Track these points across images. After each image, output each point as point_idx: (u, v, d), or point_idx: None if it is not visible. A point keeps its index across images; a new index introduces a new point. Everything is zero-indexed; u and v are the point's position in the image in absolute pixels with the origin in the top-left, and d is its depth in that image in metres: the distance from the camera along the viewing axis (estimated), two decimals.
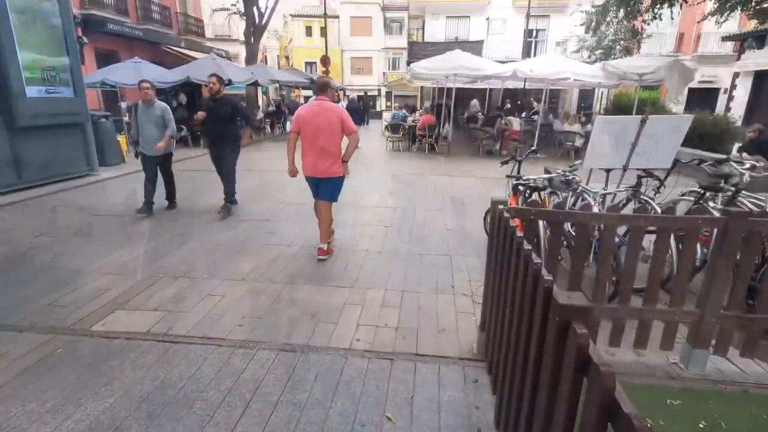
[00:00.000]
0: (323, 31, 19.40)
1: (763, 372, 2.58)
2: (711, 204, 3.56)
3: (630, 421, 0.82)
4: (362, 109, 21.28)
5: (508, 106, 15.23)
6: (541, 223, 3.22)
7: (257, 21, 17.47)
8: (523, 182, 3.89)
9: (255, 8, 17.20)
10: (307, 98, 25.97)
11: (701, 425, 2.11)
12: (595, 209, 3.17)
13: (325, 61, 18.16)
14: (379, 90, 34.93)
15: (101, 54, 14.11)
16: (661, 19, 9.59)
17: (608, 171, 4.04)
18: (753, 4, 9.17)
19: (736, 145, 8.83)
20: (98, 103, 13.00)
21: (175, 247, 4.55)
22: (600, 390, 0.92)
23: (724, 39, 16.47)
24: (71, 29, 7.75)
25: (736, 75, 15.96)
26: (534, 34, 21.63)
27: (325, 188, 4.16)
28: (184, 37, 18.26)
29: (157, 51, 16.38)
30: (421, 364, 2.59)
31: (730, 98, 16.30)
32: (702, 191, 3.68)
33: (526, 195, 3.86)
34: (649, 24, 10.31)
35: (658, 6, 9.05)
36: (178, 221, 5.49)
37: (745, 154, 7.21)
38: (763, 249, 3.07)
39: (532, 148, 5.35)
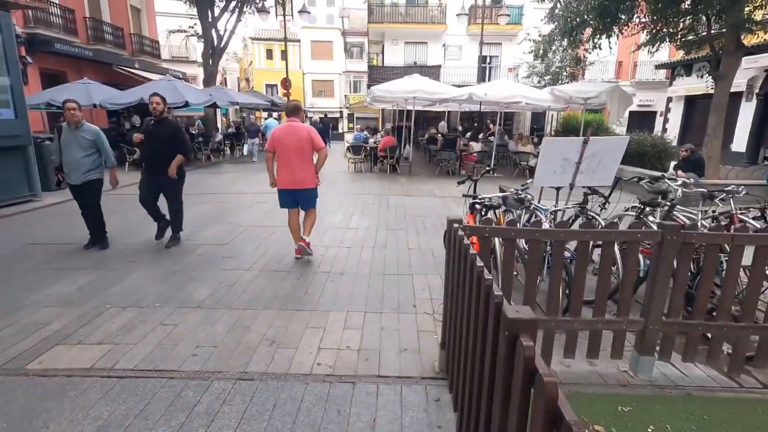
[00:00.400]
0: (284, 54, 19.50)
1: (703, 375, 2.75)
2: (650, 218, 3.81)
3: (571, 429, 0.86)
4: (329, 130, 21.40)
5: (460, 128, 15.80)
6: (497, 239, 3.33)
7: (216, 43, 17.32)
8: (479, 201, 4.01)
9: (214, 30, 17.07)
10: (266, 118, 25.84)
11: (649, 430, 2.21)
12: (546, 225, 3.32)
13: (286, 83, 18.21)
14: (341, 112, 35.37)
15: (47, 74, 13.46)
16: (600, 49, 10.38)
17: (557, 189, 4.26)
18: (679, 36, 10.14)
19: (672, 163, 9.56)
20: (42, 125, 12.31)
21: (124, 275, 4.31)
22: (544, 400, 0.95)
23: (657, 67, 18.03)
24: (12, 48, 7.36)
25: (669, 99, 17.44)
26: (488, 60, 22.73)
27: (304, 198, 4.79)
28: (138, 58, 17.77)
29: (109, 72, 15.83)
30: (384, 386, 2.57)
31: (666, 120, 17.75)
32: (642, 206, 3.95)
33: (482, 213, 3.99)
34: (590, 52, 11.13)
35: (597, 36, 9.81)
36: (128, 248, 5.21)
37: (680, 172, 7.82)
38: (696, 259, 3.31)
39: (488, 168, 5.56)
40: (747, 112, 13.60)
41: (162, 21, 23.10)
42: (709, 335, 2.74)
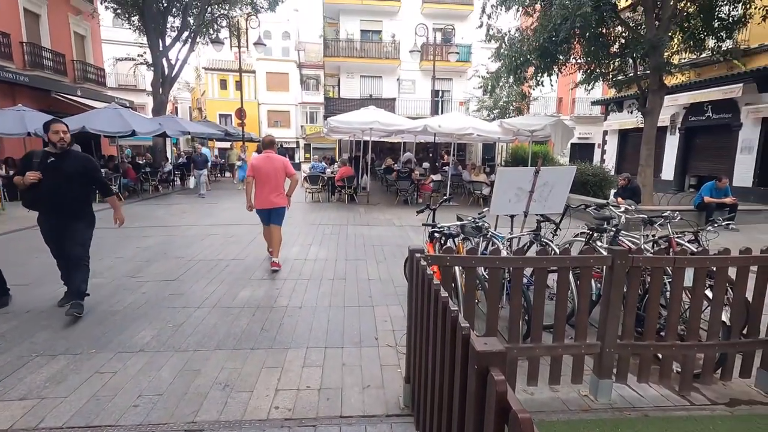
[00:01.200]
0: (239, 85, 19.36)
1: (657, 395, 2.84)
2: (599, 243, 4.01)
3: None
4: (288, 158, 21.27)
5: (415, 161, 16.18)
6: (457, 268, 3.35)
7: (167, 72, 16.89)
8: (438, 230, 4.05)
9: (165, 60, 16.67)
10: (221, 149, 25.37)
11: None
12: (504, 253, 3.38)
13: (240, 114, 17.98)
14: (298, 142, 35.30)
15: None
16: (543, 86, 11.17)
17: (512, 217, 4.40)
18: (610, 76, 11.14)
19: (612, 191, 10.26)
20: None
21: (56, 319, 3.89)
22: None
23: (593, 103, 19.66)
24: None
25: (605, 133, 18.95)
26: (440, 94, 23.77)
27: (275, 216, 5.61)
28: (81, 86, 16.93)
29: (47, 99, 14.90)
30: (347, 427, 2.43)
31: (603, 152, 19.20)
32: (591, 232, 4.15)
33: (442, 242, 4.02)
34: (534, 89, 11.93)
35: (539, 74, 10.57)
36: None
37: (619, 199, 8.39)
38: (643, 281, 3.49)
39: (446, 197, 5.68)
40: (672, 144, 15.03)
41: (109, 48, 22.35)
42: (660, 355, 2.85)
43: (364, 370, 3.09)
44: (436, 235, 4.06)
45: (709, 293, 2.87)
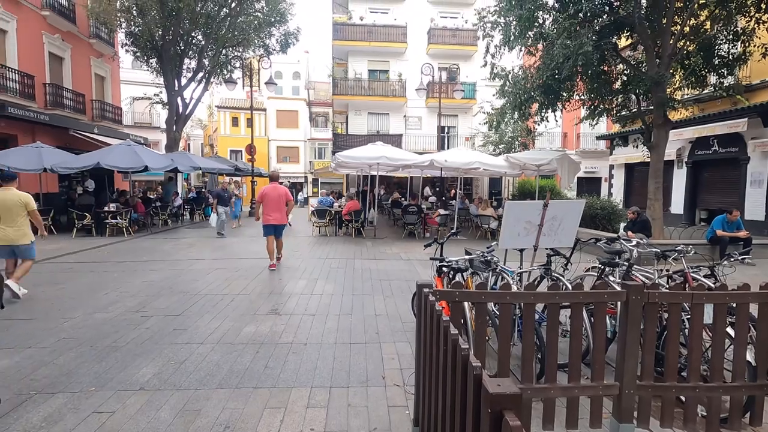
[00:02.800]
0: (250, 122, 19.92)
1: None
2: (611, 278, 3.91)
3: None
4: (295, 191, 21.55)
5: (423, 196, 16.25)
6: (466, 303, 3.26)
7: (181, 110, 17.50)
8: (446, 264, 3.99)
9: (179, 98, 17.31)
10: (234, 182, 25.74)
11: None
12: (514, 288, 3.31)
13: (251, 150, 18.40)
14: (306, 177, 35.86)
15: None
16: (547, 121, 11.34)
17: (521, 251, 4.33)
18: (614, 111, 11.30)
19: (622, 225, 10.15)
20: None
21: (57, 354, 3.82)
22: None
23: (598, 138, 19.84)
24: None
25: (611, 167, 18.99)
26: (446, 130, 24.20)
27: (279, 230, 7.77)
28: (98, 123, 17.54)
29: (65, 136, 15.42)
30: None
31: (610, 185, 19.18)
32: (602, 267, 4.06)
33: (450, 276, 3.95)
34: (538, 124, 12.11)
35: (544, 111, 10.75)
36: (65, 322, 4.70)
37: (630, 233, 8.28)
38: (660, 318, 3.36)
39: (453, 230, 5.64)
40: (680, 178, 14.98)
41: (127, 88, 23.31)
42: (683, 398, 2.70)
43: (371, 411, 2.95)
44: (444, 269, 4.00)
45: (730, 331, 2.74)
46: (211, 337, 4.30)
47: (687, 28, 9.29)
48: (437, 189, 19.40)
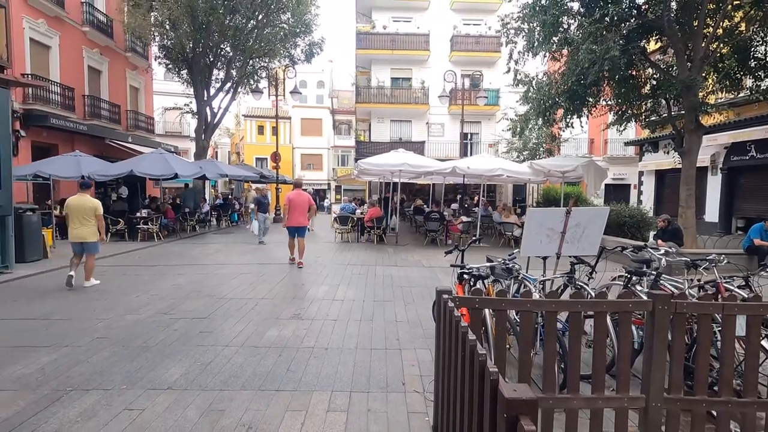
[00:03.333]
0: (275, 131, 20.37)
1: None
2: (638, 287, 3.80)
3: None
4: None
5: (452, 206, 16.16)
6: (487, 311, 3.24)
7: (209, 119, 18.08)
8: (467, 271, 3.98)
9: (208, 108, 17.90)
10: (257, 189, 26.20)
11: None
12: (536, 295, 3.27)
13: (276, 157, 18.80)
14: (329, 184, 36.28)
15: (38, 147, 13.68)
16: (573, 127, 11.13)
17: (544, 258, 4.27)
18: (643, 117, 10.99)
19: (652, 233, 9.82)
20: (26, 196, 12.23)
21: (92, 354, 4.00)
22: None
23: (626, 144, 19.29)
24: (6, 123, 7.56)
25: (641, 173, 18.41)
26: (469, 137, 24.06)
27: (300, 230, 8.56)
28: (132, 133, 18.33)
29: (102, 145, 16.19)
30: None
31: (640, 192, 18.58)
32: (629, 275, 3.95)
33: (471, 283, 3.93)
34: (563, 130, 11.90)
35: (569, 117, 10.55)
36: (100, 323, 4.92)
37: (660, 241, 8.02)
38: (690, 329, 3.25)
39: (475, 237, 5.61)
40: (714, 185, 14.38)
41: (159, 98, 24.27)
42: (715, 413, 2.60)
43: (390, 417, 2.97)
44: (465, 276, 3.98)
45: (765, 344, 2.63)
46: (236, 339, 4.41)
47: (720, 30, 8.98)
48: (460, 196, 19.29)
